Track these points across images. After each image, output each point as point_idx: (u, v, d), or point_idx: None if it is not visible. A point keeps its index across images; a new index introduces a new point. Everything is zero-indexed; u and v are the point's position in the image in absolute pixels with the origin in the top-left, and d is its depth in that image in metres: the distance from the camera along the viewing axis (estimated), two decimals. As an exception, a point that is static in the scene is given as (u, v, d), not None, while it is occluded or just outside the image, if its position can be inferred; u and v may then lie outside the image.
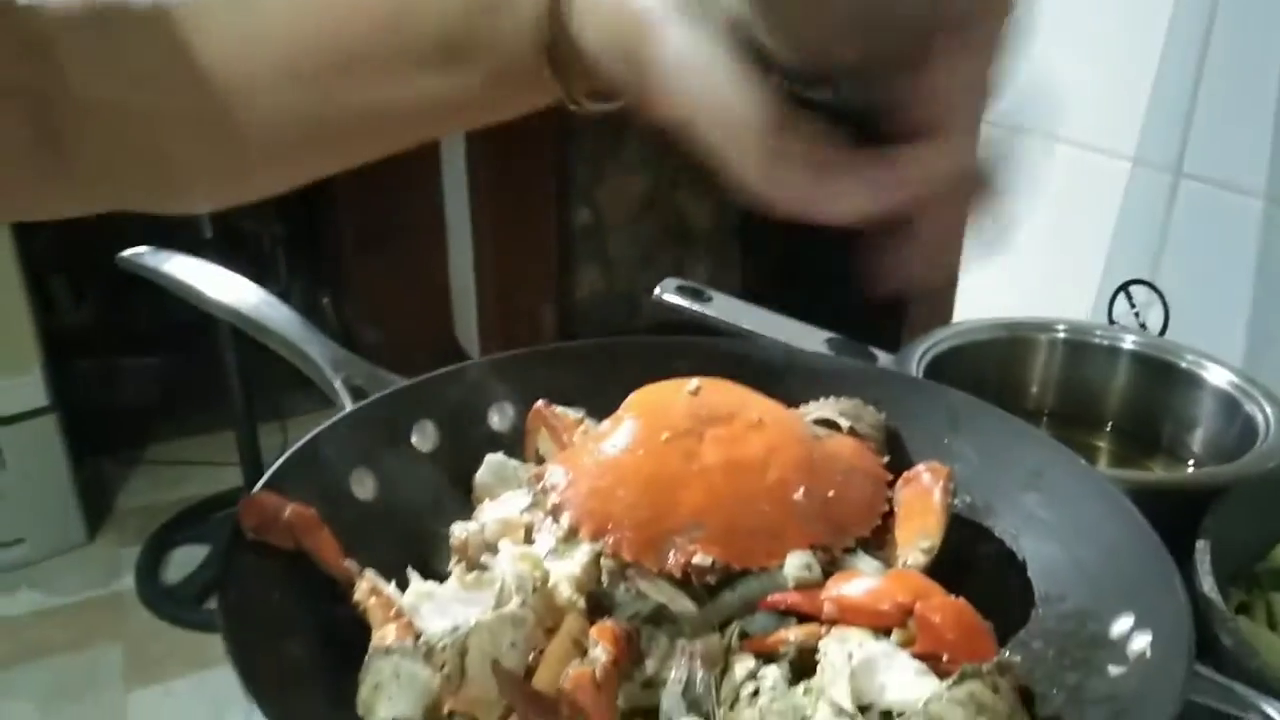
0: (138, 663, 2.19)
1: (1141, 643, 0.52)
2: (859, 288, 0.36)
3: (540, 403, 0.71)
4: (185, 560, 2.43)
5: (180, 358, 2.88)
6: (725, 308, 0.87)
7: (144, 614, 2.31)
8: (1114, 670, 0.53)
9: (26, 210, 0.60)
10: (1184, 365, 0.85)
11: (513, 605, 0.55)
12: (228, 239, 2.20)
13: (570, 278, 2.94)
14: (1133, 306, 1.03)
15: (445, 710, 0.51)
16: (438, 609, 0.58)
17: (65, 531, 2.46)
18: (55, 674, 2.15)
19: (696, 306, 0.88)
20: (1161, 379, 0.86)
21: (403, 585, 0.61)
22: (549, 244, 2.85)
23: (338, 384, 0.70)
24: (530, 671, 0.54)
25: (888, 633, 0.56)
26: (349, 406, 0.69)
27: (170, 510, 2.58)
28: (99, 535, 2.53)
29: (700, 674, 0.56)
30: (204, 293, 0.77)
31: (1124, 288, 1.03)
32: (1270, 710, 0.49)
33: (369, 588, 0.58)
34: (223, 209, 0.57)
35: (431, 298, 3.01)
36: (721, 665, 0.56)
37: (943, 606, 0.54)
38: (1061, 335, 0.90)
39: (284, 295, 0.79)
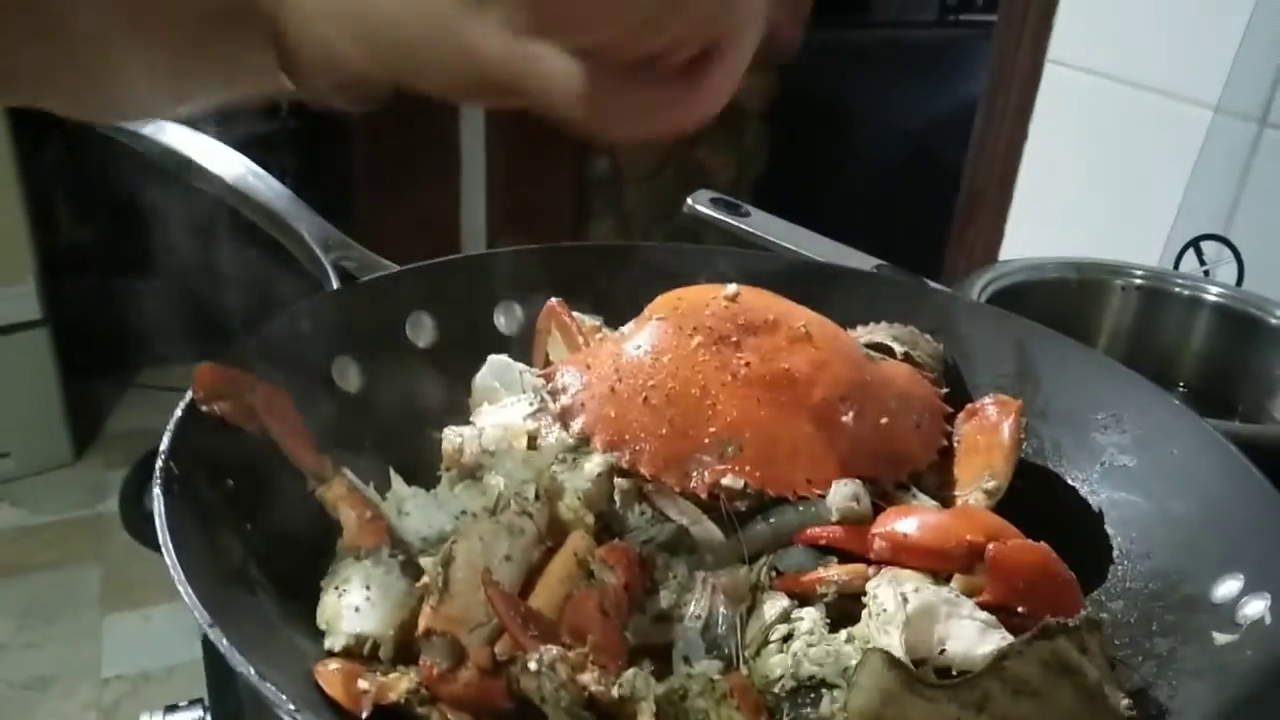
0: (116, 587, 2.13)
1: (1257, 608, 0.44)
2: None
3: (554, 300, 0.62)
4: (171, 487, 2.36)
5: (177, 283, 2.81)
6: (763, 224, 0.78)
7: (125, 538, 2.24)
8: (1220, 638, 0.44)
9: None
10: (1274, 321, 0.76)
11: (510, 513, 0.47)
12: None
13: (584, 229, 2.86)
14: (1202, 263, 0.94)
15: (421, 629, 0.43)
16: (422, 515, 0.49)
17: (51, 449, 2.40)
18: (32, 592, 2.09)
19: (731, 220, 0.79)
20: (1245, 335, 0.77)
21: (382, 491, 0.53)
22: (565, 193, 2.77)
23: (327, 264, 0.62)
24: (526, 592, 0.46)
25: (947, 579, 0.48)
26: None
27: (159, 436, 2.50)
28: (85, 456, 2.47)
29: (723, 611, 0.47)
30: (190, 158, 0.68)
31: (1194, 242, 0.94)
32: None
33: (343, 485, 0.49)
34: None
35: (442, 242, 2.92)
36: (749, 603, 0.48)
37: (1020, 550, 0.45)
38: (1137, 281, 0.81)
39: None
